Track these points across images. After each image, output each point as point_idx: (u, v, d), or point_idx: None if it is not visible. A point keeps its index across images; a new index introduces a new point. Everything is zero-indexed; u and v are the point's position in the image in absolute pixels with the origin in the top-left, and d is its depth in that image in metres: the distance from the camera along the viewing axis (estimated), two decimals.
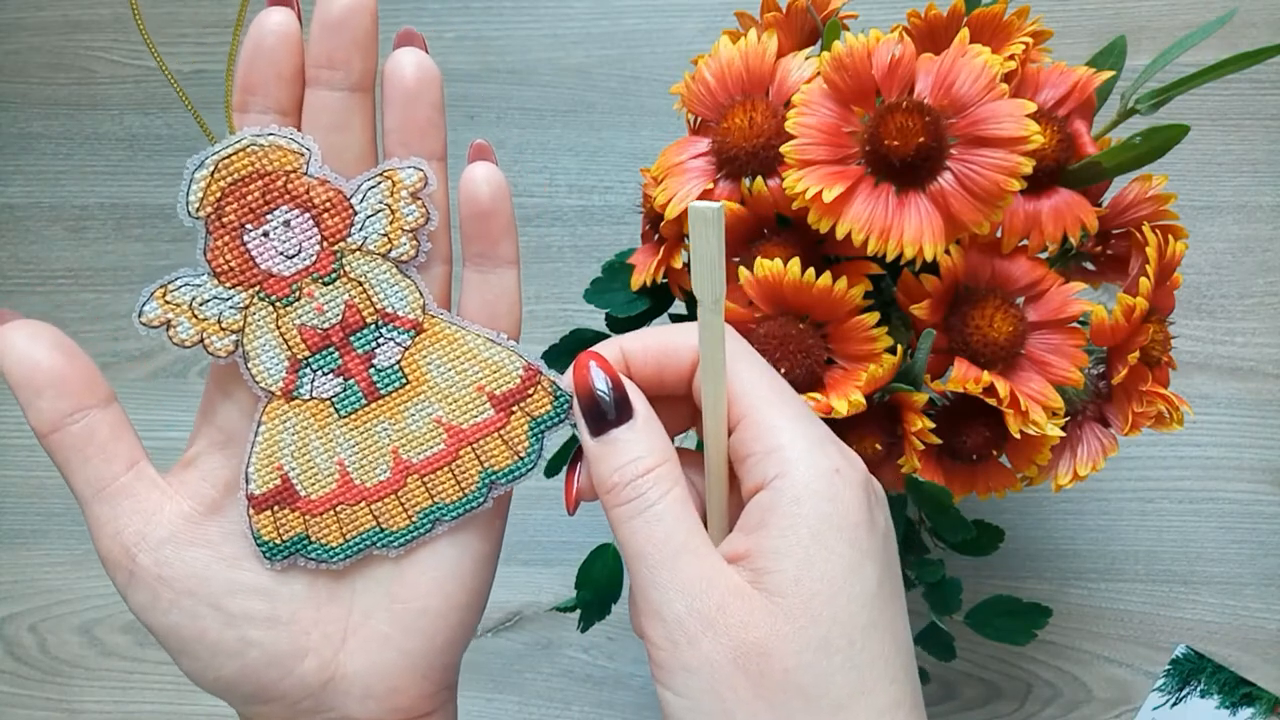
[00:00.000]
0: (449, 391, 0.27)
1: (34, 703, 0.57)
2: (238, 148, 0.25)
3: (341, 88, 0.26)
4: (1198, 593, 0.53)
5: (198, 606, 0.27)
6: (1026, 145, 0.30)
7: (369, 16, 0.26)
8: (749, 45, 0.34)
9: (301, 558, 0.27)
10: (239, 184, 0.25)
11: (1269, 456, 0.54)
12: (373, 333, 0.27)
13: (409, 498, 0.27)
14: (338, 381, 0.27)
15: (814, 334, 0.33)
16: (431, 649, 0.28)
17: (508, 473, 0.28)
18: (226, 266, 0.26)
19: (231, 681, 0.27)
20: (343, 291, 0.26)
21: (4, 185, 0.60)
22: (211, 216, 0.26)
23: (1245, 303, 0.54)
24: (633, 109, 0.57)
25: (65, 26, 0.60)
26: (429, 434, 0.27)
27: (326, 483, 0.27)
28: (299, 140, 0.26)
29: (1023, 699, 0.53)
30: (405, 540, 0.28)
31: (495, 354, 0.27)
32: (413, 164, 0.26)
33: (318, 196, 0.26)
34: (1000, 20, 0.35)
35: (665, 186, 0.34)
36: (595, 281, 0.40)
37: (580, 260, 0.57)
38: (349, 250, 0.26)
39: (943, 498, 0.33)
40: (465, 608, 0.28)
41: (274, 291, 0.26)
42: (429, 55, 0.26)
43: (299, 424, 0.27)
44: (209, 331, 0.26)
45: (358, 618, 0.28)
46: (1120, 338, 0.33)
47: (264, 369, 0.26)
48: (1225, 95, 0.55)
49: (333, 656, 0.28)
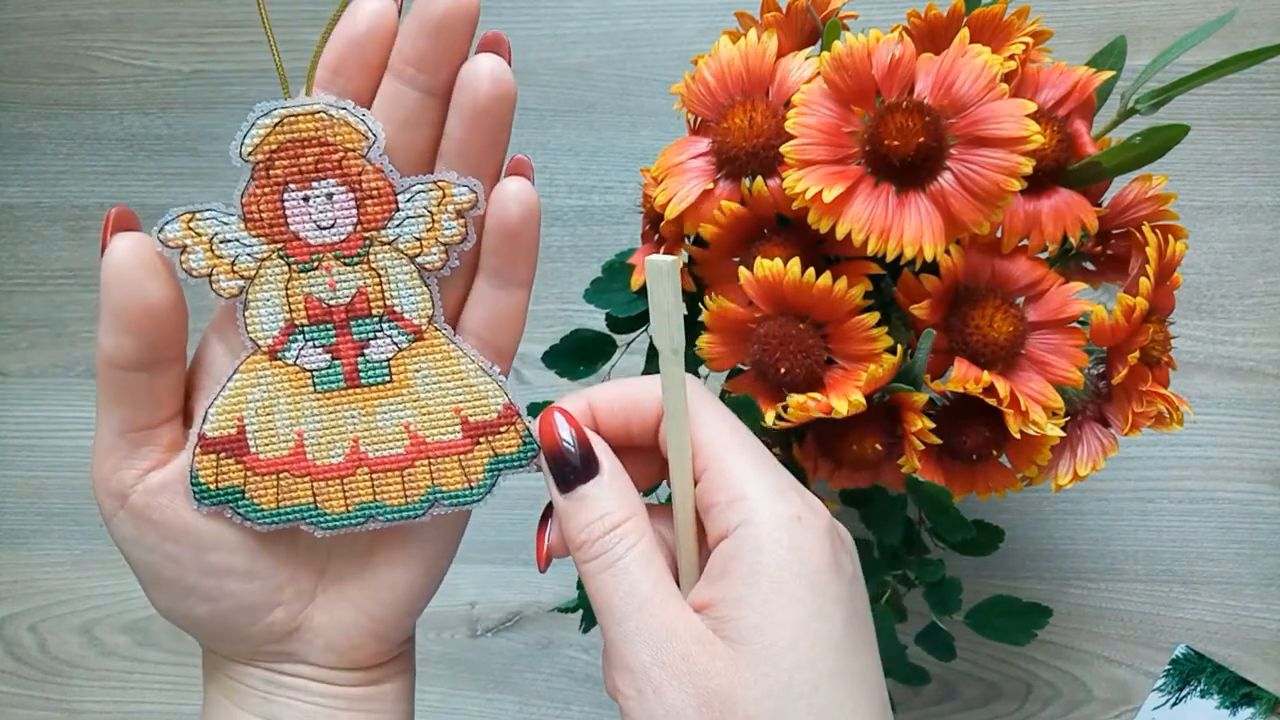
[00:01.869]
0: (426, 403, 0.28)
1: (34, 703, 0.57)
2: (309, 109, 0.25)
3: (422, 89, 0.26)
4: (1198, 593, 0.53)
5: (180, 553, 0.27)
6: (1026, 145, 0.30)
7: (468, 24, 0.25)
8: (749, 45, 0.34)
9: (229, 509, 0.27)
10: (297, 144, 0.26)
11: (1269, 456, 0.54)
12: (374, 324, 0.27)
13: (353, 487, 0.28)
14: (325, 357, 0.27)
15: (814, 334, 0.33)
16: (393, 616, 0.29)
17: (454, 496, 0.28)
18: (259, 216, 0.26)
19: (200, 620, 0.28)
20: (360, 277, 0.27)
21: (4, 185, 0.60)
22: (260, 164, 0.26)
23: (1245, 303, 0.54)
24: (633, 109, 0.57)
25: (65, 26, 0.60)
26: (393, 435, 0.28)
27: (280, 447, 0.27)
28: (368, 123, 0.26)
29: (1023, 699, 0.53)
30: (335, 525, 0.28)
31: (481, 383, 0.28)
32: (468, 184, 0.26)
33: (368, 181, 0.26)
34: (1000, 20, 0.35)
35: (665, 186, 0.34)
36: (595, 281, 0.40)
37: (580, 260, 0.57)
38: (380, 241, 0.27)
39: (943, 498, 0.33)
40: (425, 589, 0.30)
41: (295, 254, 0.26)
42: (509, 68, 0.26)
43: (273, 383, 0.27)
44: (220, 269, 0.26)
45: (330, 580, 0.29)
46: (1120, 338, 0.33)
47: (259, 322, 0.27)
48: (1225, 95, 0.55)
49: (301, 609, 0.29)
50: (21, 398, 0.58)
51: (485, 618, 0.55)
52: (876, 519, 0.42)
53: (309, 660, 0.29)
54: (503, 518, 0.56)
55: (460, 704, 0.55)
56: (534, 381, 0.56)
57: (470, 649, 0.55)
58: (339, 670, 0.30)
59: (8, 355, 0.59)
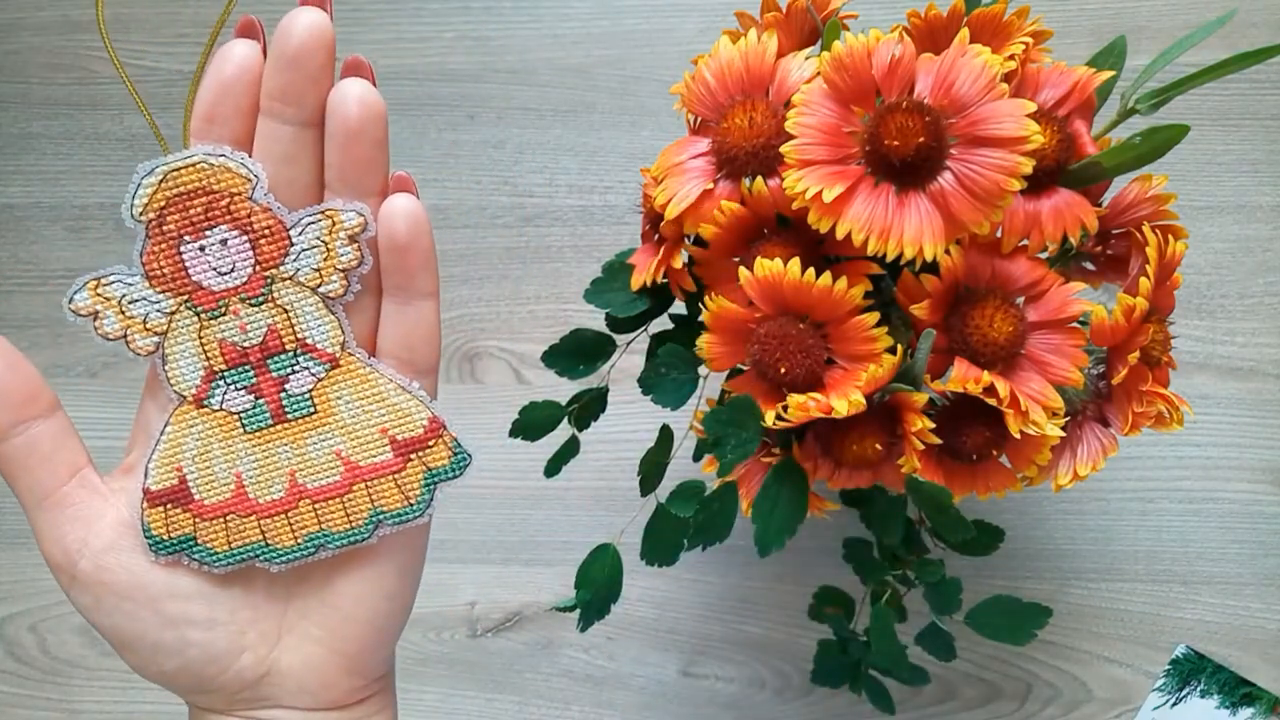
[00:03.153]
0: (353, 428, 0.28)
1: (34, 703, 0.57)
2: (188, 162, 0.26)
3: (293, 123, 0.26)
4: (1198, 593, 0.53)
5: (137, 610, 0.28)
6: (1026, 145, 0.30)
7: (325, 53, 0.26)
8: (749, 45, 0.34)
9: (186, 557, 0.28)
10: (184, 197, 0.26)
11: (1269, 456, 0.54)
12: (290, 359, 0.28)
13: (298, 520, 0.28)
14: (248, 399, 0.28)
15: (814, 334, 0.33)
16: (360, 650, 0.29)
17: (396, 515, 0.29)
18: (160, 272, 0.27)
19: (173, 675, 0.28)
20: (268, 315, 0.27)
21: (4, 185, 0.60)
22: (153, 222, 0.27)
23: (1245, 303, 0.54)
24: (633, 109, 0.57)
25: (65, 26, 0.60)
26: (327, 464, 0.28)
27: (221, 491, 0.28)
28: (248, 165, 0.26)
29: (1023, 699, 0.53)
30: (288, 559, 0.28)
31: (403, 401, 0.28)
32: (355, 208, 0.27)
33: (258, 221, 0.27)
34: (1000, 20, 0.35)
35: (665, 186, 0.34)
36: (595, 281, 0.40)
37: (580, 260, 0.57)
38: (280, 278, 0.27)
39: (943, 498, 0.33)
40: (390, 615, 0.30)
41: (201, 303, 0.27)
42: (375, 88, 0.26)
43: (204, 431, 0.28)
44: (133, 329, 0.27)
45: (293, 618, 0.29)
46: (1120, 338, 0.33)
47: (180, 373, 0.28)
48: (1225, 95, 0.55)
49: (268, 653, 0.29)
50: None
51: (485, 618, 0.55)
52: (876, 519, 0.42)
53: (284, 704, 0.29)
54: (503, 518, 0.56)
55: (460, 704, 0.55)
56: (534, 382, 0.56)
57: (470, 649, 0.55)
58: (317, 711, 0.29)
59: None
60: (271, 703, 0.29)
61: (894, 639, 0.42)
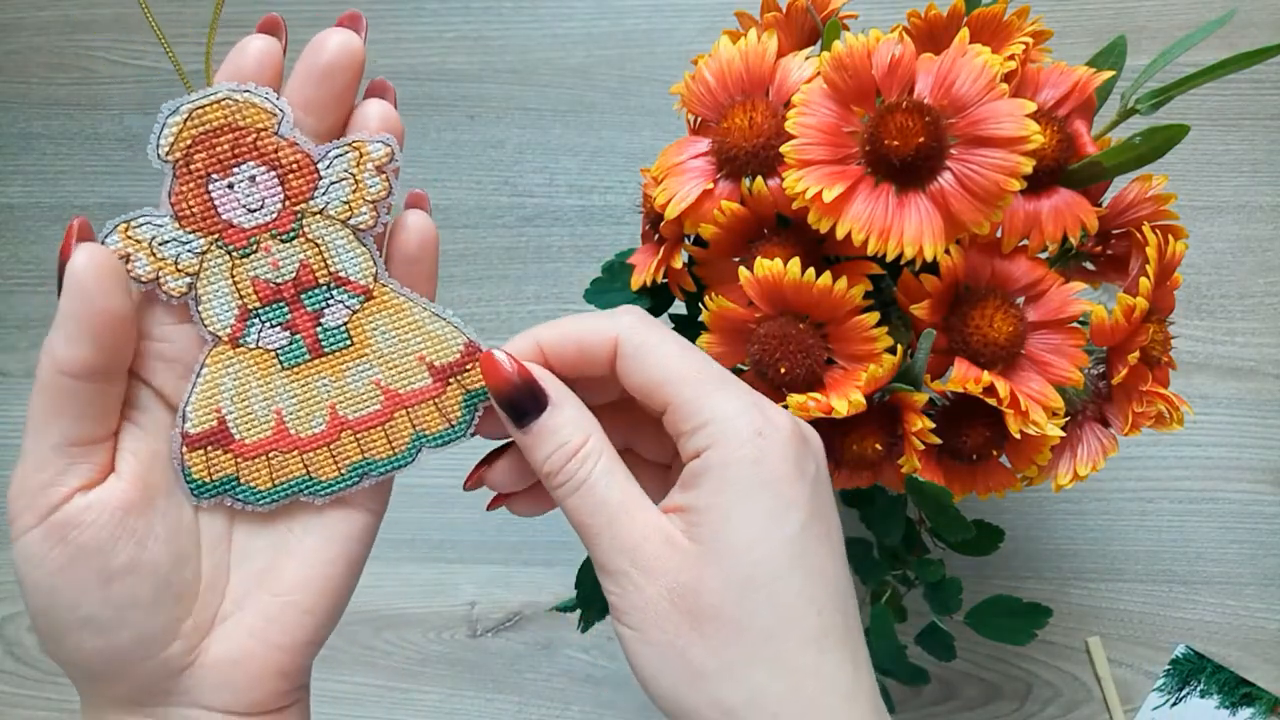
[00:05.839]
0: (390, 357, 0.28)
1: (34, 703, 0.57)
2: (213, 99, 0.26)
3: (311, 133, 0.27)
4: (1198, 593, 0.53)
5: (87, 580, 0.26)
6: (1026, 145, 0.30)
7: (352, 73, 0.26)
8: (749, 45, 0.34)
9: (229, 498, 0.28)
10: (210, 134, 0.26)
11: (1269, 456, 0.54)
12: (324, 293, 0.28)
13: (341, 451, 0.28)
14: (284, 335, 0.28)
15: (814, 334, 0.33)
16: (293, 644, 0.29)
17: (438, 437, 0.29)
18: (189, 211, 0.27)
19: (87, 655, 0.27)
20: (299, 250, 0.27)
21: (4, 185, 0.60)
22: (180, 162, 0.26)
23: (1245, 303, 0.54)
24: (633, 109, 0.57)
25: (65, 26, 0.60)
26: (367, 394, 0.28)
27: (262, 429, 0.28)
28: (273, 101, 0.26)
29: (1023, 699, 0.53)
30: (332, 490, 0.28)
31: (439, 327, 0.28)
32: (381, 139, 0.27)
33: (285, 157, 0.27)
34: (1000, 20, 0.35)
35: (665, 186, 0.34)
36: (595, 281, 0.40)
37: (580, 260, 0.57)
38: (310, 212, 0.27)
39: (943, 498, 0.33)
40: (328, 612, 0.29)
41: (232, 241, 0.27)
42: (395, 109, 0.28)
43: (241, 370, 0.28)
44: (165, 271, 0.27)
45: (229, 606, 0.28)
46: (1120, 338, 0.33)
47: (214, 314, 0.27)
48: (1225, 95, 0.55)
49: (198, 643, 0.28)
50: (22, 398, 0.58)
51: (485, 618, 0.55)
52: (876, 519, 0.42)
53: (199, 702, 0.28)
54: (503, 518, 0.55)
55: (460, 704, 0.55)
56: None
57: (470, 649, 0.55)
58: (231, 715, 0.28)
59: (8, 355, 0.59)
60: (186, 699, 0.28)
61: (894, 639, 0.42)
